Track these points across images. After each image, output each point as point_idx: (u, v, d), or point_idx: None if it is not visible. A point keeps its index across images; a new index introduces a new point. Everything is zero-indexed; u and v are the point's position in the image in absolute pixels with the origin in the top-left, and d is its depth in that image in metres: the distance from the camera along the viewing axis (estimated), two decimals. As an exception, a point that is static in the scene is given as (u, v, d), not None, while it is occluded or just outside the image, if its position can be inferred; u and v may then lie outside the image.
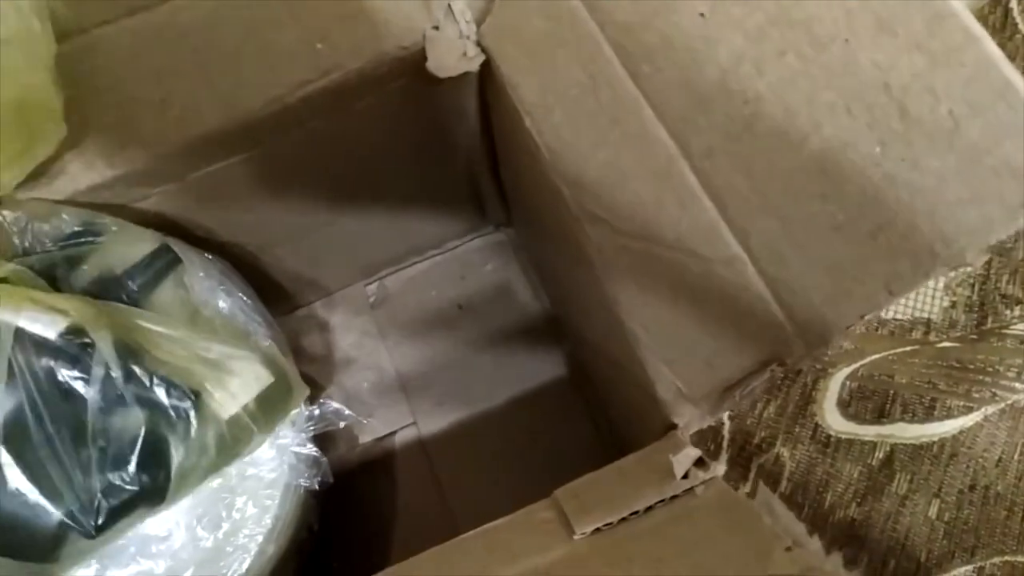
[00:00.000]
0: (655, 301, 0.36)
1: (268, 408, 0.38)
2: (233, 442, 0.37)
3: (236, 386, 0.37)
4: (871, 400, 0.57)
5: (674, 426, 0.36)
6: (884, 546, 0.54)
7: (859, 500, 0.55)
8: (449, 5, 0.41)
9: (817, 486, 0.55)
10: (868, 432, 0.56)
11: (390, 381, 0.59)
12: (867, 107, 0.28)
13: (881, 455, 0.55)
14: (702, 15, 0.32)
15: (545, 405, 0.57)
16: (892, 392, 0.57)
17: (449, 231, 0.61)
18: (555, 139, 0.38)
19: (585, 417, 0.56)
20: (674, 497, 0.30)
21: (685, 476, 0.31)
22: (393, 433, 0.58)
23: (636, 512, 0.30)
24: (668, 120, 0.34)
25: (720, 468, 0.31)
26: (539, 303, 0.59)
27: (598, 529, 0.30)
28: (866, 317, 0.30)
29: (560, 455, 0.56)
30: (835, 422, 0.57)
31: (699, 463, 0.32)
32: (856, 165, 0.29)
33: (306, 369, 0.58)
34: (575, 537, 0.30)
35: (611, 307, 0.38)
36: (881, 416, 0.56)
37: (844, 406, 0.57)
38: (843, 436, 0.56)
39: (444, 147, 0.51)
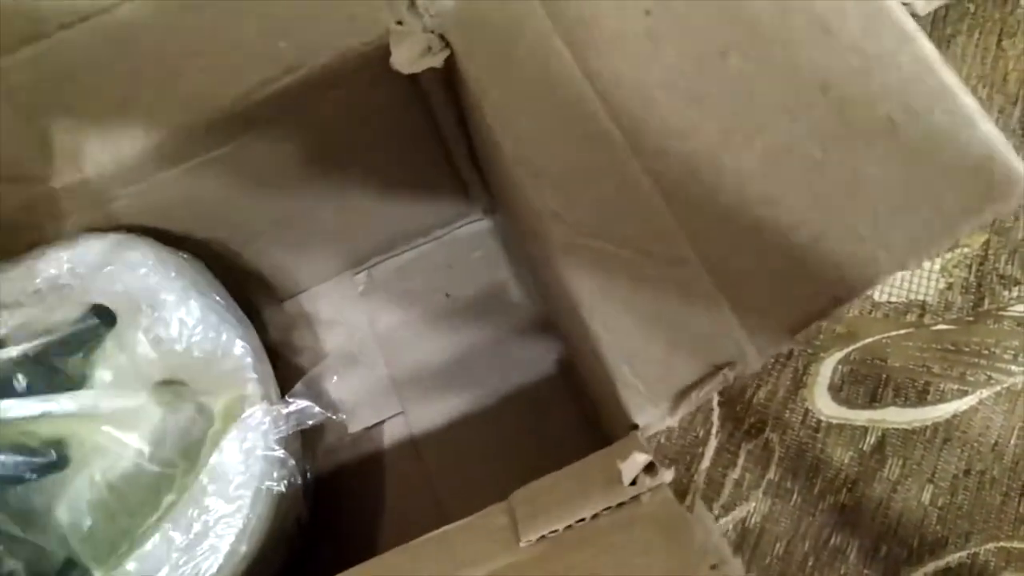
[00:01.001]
0: (614, 301, 0.35)
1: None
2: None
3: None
4: (863, 384, 0.56)
5: (635, 426, 0.36)
6: (875, 532, 0.54)
7: (850, 486, 0.55)
8: (412, 0, 0.41)
9: (807, 472, 0.55)
10: (860, 417, 0.55)
11: (378, 370, 0.59)
12: (808, 109, 0.28)
13: (873, 440, 0.55)
14: (648, 12, 0.31)
15: (535, 394, 0.57)
16: (885, 376, 0.56)
17: (435, 219, 0.61)
18: (516, 135, 0.38)
19: (574, 407, 0.56)
20: (620, 504, 0.30)
21: (634, 482, 0.31)
22: (382, 422, 0.58)
23: (583, 519, 0.30)
24: (620, 118, 0.34)
25: (668, 475, 0.30)
26: (525, 291, 0.59)
27: (543, 536, 0.30)
28: (810, 318, 0.29)
29: (550, 445, 0.56)
30: (826, 407, 0.56)
31: (649, 469, 0.31)
32: (798, 170, 0.28)
33: (294, 360, 0.59)
34: (520, 545, 0.30)
35: (574, 305, 0.37)
36: (873, 400, 0.56)
37: (836, 391, 0.57)
38: (834, 421, 0.56)
39: (420, 136, 0.50)
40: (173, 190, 0.45)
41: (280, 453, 0.40)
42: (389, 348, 0.60)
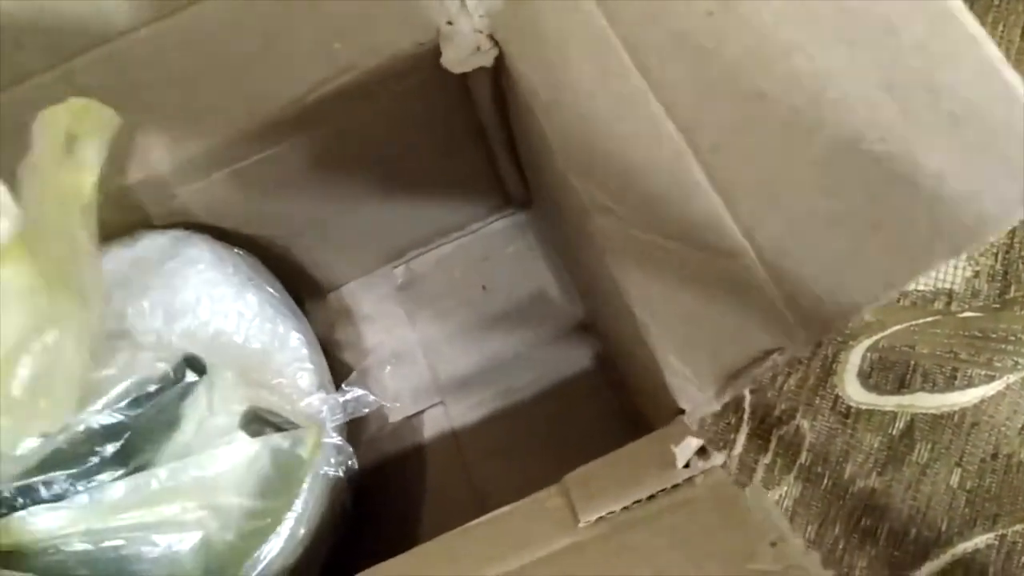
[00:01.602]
0: (662, 290, 0.37)
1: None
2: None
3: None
4: (892, 371, 0.58)
5: (682, 411, 0.38)
6: (905, 515, 0.55)
7: (879, 470, 0.56)
8: (462, 1, 0.42)
9: (838, 456, 0.56)
10: (888, 403, 0.57)
11: (418, 361, 0.61)
12: (870, 106, 0.29)
13: (902, 425, 0.56)
14: (710, 13, 0.33)
15: (570, 384, 0.59)
16: (913, 363, 0.57)
17: (472, 213, 0.63)
18: (565, 131, 0.39)
19: (610, 396, 0.57)
20: (675, 486, 0.32)
21: (687, 465, 0.32)
22: (421, 412, 0.60)
23: (639, 500, 0.31)
24: (676, 115, 0.35)
25: (720, 458, 0.32)
26: (560, 283, 0.60)
27: (601, 517, 0.31)
28: (863, 309, 0.31)
29: (586, 433, 0.57)
30: (855, 393, 0.57)
31: (701, 452, 0.33)
32: (858, 162, 0.30)
33: (337, 354, 0.60)
34: (579, 526, 0.31)
35: (621, 295, 0.39)
36: (902, 386, 0.57)
37: (865, 377, 0.58)
38: (863, 407, 0.57)
39: (463, 134, 0.52)
40: (228, 188, 0.46)
41: (338, 440, 0.41)
42: (427, 339, 0.61)
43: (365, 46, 0.42)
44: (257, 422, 0.41)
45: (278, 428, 0.41)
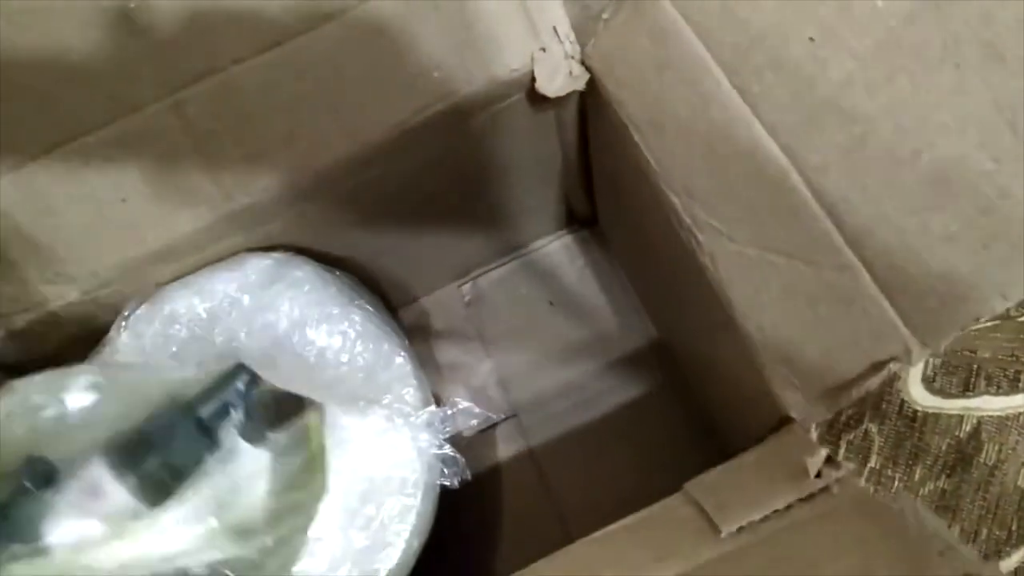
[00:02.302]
0: (769, 304, 0.38)
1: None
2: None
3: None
4: (955, 375, 0.59)
5: (790, 419, 0.39)
6: (976, 515, 0.57)
7: (948, 472, 0.58)
8: (554, 28, 0.44)
9: (907, 459, 0.58)
10: (954, 406, 0.59)
11: (489, 376, 0.62)
12: (979, 127, 0.31)
13: (968, 428, 0.58)
14: (812, 39, 0.34)
15: (639, 395, 0.60)
16: (976, 366, 0.59)
17: (538, 231, 0.64)
18: (665, 153, 0.41)
19: (679, 407, 0.59)
20: (810, 495, 0.33)
21: (818, 475, 0.34)
22: (494, 426, 0.61)
23: (777, 510, 0.33)
24: (780, 136, 0.36)
25: (850, 466, 0.33)
26: (626, 298, 0.62)
27: (742, 527, 0.33)
28: (980, 318, 0.32)
29: (657, 443, 0.59)
30: (921, 397, 0.59)
31: (829, 462, 0.34)
32: (969, 180, 0.31)
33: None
34: (721, 535, 0.33)
35: (724, 309, 0.40)
36: (966, 390, 0.59)
37: (929, 382, 0.60)
38: (930, 410, 0.59)
39: (543, 156, 0.53)
40: (324, 212, 0.48)
41: (451, 451, 0.43)
42: (497, 354, 0.63)
43: (463, 73, 0.44)
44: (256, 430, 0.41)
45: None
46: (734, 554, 0.31)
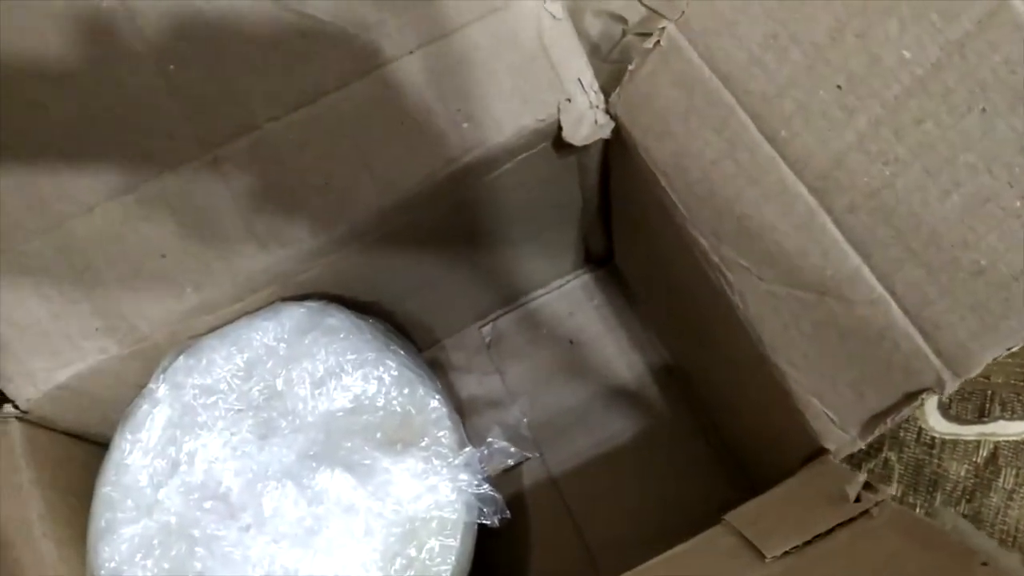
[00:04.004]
0: (800, 339, 0.40)
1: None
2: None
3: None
4: (970, 401, 0.61)
5: (823, 450, 0.40)
6: (996, 538, 0.58)
7: (968, 497, 0.59)
8: (579, 79, 0.45)
9: (927, 486, 0.59)
10: (971, 432, 0.60)
11: (512, 416, 0.63)
12: (1006, 167, 0.32)
13: (985, 453, 0.59)
14: (839, 87, 0.36)
15: (661, 430, 0.61)
16: (990, 392, 0.60)
17: (556, 271, 0.66)
18: (691, 197, 0.43)
19: (701, 441, 0.60)
20: (851, 519, 0.34)
21: (858, 499, 0.35)
22: (519, 465, 0.62)
23: (819, 535, 0.34)
24: (807, 179, 0.38)
25: (889, 491, 0.34)
26: (645, 335, 0.63)
27: (786, 552, 0.34)
28: (1012, 348, 0.34)
29: (681, 475, 0.60)
30: (938, 424, 0.60)
31: (867, 487, 0.35)
32: (996, 217, 0.33)
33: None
34: (767, 561, 0.34)
35: (754, 346, 0.41)
36: (982, 416, 0.60)
37: (945, 409, 0.61)
38: (947, 437, 0.60)
39: (564, 200, 0.55)
40: (354, 261, 0.49)
41: (491, 491, 0.44)
42: (520, 394, 0.64)
43: (491, 124, 0.45)
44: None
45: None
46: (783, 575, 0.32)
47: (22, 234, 0.45)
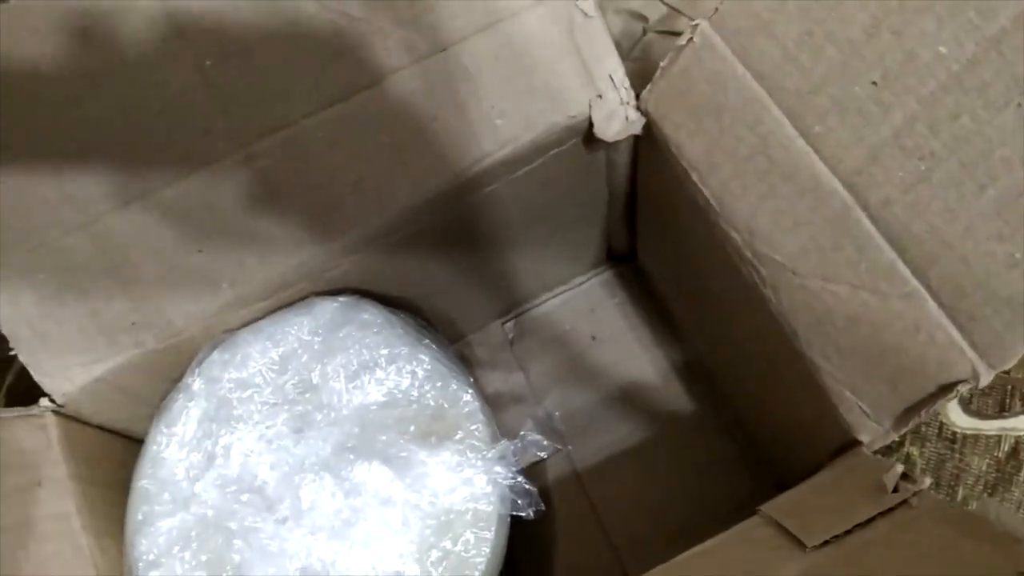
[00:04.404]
0: (834, 333, 0.40)
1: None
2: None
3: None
4: (990, 396, 0.61)
5: (856, 443, 0.41)
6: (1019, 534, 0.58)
7: (990, 491, 0.59)
8: (610, 76, 0.46)
9: (949, 480, 0.60)
10: (992, 427, 0.60)
11: (536, 411, 0.64)
12: (1043, 162, 0.33)
13: (1007, 447, 0.60)
14: (874, 83, 0.37)
15: (684, 425, 0.62)
16: (1010, 387, 0.61)
17: (578, 267, 0.66)
18: (724, 192, 0.43)
19: (725, 436, 0.61)
20: (890, 510, 0.35)
21: (895, 490, 0.35)
22: (545, 460, 0.62)
23: (859, 524, 0.35)
24: (842, 174, 0.38)
25: (927, 481, 0.35)
26: (668, 330, 0.64)
27: (826, 542, 0.34)
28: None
29: (701, 473, 0.60)
30: (959, 419, 0.61)
31: (904, 477, 0.36)
32: (1033, 211, 0.33)
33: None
34: (807, 550, 0.34)
35: (787, 339, 0.42)
36: (1002, 410, 0.61)
37: (965, 404, 0.61)
38: (968, 432, 0.60)
39: (590, 196, 0.55)
40: (383, 257, 0.50)
41: (525, 483, 0.44)
42: (544, 390, 0.64)
43: (523, 121, 0.46)
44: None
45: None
46: (823, 566, 0.32)
47: (59, 230, 0.45)
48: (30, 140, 0.44)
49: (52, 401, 0.46)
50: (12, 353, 0.45)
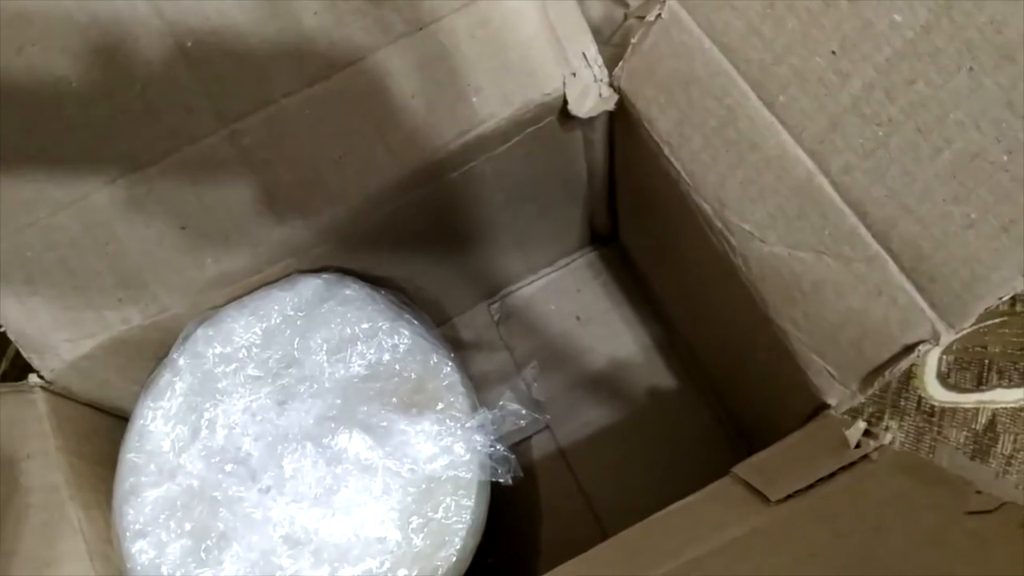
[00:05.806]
0: (801, 299, 0.41)
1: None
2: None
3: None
4: (968, 370, 0.62)
5: (825, 406, 0.42)
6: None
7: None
8: (583, 54, 0.47)
9: (927, 453, 0.61)
10: (969, 400, 0.61)
11: (521, 390, 0.65)
12: (994, 123, 0.34)
13: (984, 420, 0.61)
14: (833, 52, 0.38)
15: (666, 400, 0.63)
16: (987, 361, 0.62)
17: (562, 249, 0.67)
18: (695, 164, 0.44)
19: (704, 409, 0.62)
20: (852, 464, 0.36)
21: (858, 446, 0.37)
22: (529, 437, 0.64)
23: (821, 479, 0.36)
24: (805, 142, 0.39)
25: (888, 437, 0.36)
26: (650, 308, 0.65)
27: (789, 496, 0.35)
28: (1003, 297, 0.35)
29: (682, 445, 0.61)
30: (937, 393, 0.62)
31: (867, 434, 0.37)
32: (985, 172, 0.34)
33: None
34: (771, 503, 0.35)
35: (758, 307, 0.43)
36: (980, 384, 0.62)
37: (944, 378, 0.62)
38: (947, 405, 0.61)
39: (570, 176, 0.56)
40: (366, 234, 0.51)
41: (504, 450, 0.45)
42: (529, 369, 0.65)
43: (500, 98, 0.47)
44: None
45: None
46: (786, 517, 0.33)
47: (47, 208, 0.46)
48: (16, 121, 0.45)
49: (40, 377, 0.47)
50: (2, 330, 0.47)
